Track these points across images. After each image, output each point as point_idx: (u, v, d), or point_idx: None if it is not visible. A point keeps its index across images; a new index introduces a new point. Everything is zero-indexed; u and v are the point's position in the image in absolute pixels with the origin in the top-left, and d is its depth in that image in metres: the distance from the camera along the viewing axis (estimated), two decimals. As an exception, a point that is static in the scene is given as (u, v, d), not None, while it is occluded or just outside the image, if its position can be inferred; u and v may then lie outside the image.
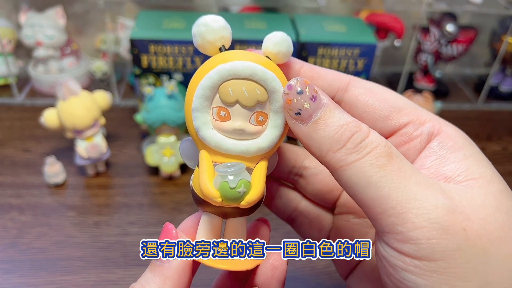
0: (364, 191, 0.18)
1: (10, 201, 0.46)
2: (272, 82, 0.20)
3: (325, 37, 0.53)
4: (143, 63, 0.52)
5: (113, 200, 0.47)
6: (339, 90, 0.22)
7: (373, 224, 0.19)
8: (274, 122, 0.20)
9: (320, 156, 0.19)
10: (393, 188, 0.17)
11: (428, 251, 0.17)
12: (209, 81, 0.19)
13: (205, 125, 0.20)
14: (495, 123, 0.67)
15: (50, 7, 0.63)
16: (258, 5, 0.67)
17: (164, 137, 0.50)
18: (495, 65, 0.67)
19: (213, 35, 0.20)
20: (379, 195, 0.17)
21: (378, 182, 0.17)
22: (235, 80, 0.19)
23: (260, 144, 0.20)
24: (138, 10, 0.68)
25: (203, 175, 0.20)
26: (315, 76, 0.22)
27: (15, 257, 0.40)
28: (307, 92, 0.19)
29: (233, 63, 0.19)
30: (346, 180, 0.18)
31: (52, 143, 0.55)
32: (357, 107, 0.21)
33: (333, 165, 0.18)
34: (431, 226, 0.17)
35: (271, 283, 0.22)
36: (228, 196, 0.19)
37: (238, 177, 0.19)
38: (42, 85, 0.65)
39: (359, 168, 0.18)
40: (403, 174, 0.18)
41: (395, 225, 0.17)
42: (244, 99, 0.19)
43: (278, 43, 0.20)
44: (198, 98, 0.20)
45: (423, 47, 0.69)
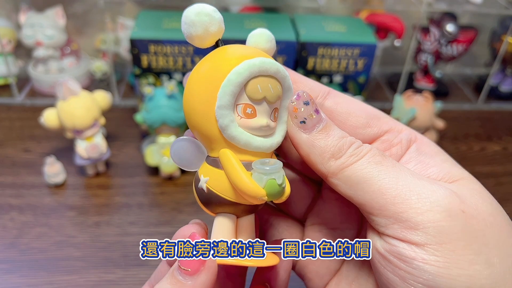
0: (365, 186, 0.19)
1: (10, 201, 0.46)
2: (288, 80, 0.20)
3: (325, 37, 0.53)
4: (143, 63, 0.52)
5: (113, 200, 0.47)
6: (320, 96, 0.22)
7: (374, 222, 0.19)
8: (284, 118, 0.21)
9: (320, 163, 0.20)
10: (392, 178, 0.19)
11: (435, 235, 0.17)
12: (239, 77, 0.19)
13: (232, 123, 0.19)
14: (495, 123, 0.67)
15: (50, 7, 0.63)
16: (258, 5, 0.67)
17: (164, 137, 0.50)
18: (495, 65, 0.67)
19: (216, 27, 0.19)
20: (380, 187, 0.19)
21: (378, 176, 0.19)
22: (263, 77, 0.19)
23: (278, 139, 0.21)
24: (138, 10, 0.68)
25: (242, 176, 0.19)
26: (296, 80, 0.22)
27: (15, 257, 0.40)
28: (312, 105, 0.20)
29: (261, 59, 0.19)
30: (347, 181, 0.19)
31: (52, 143, 0.55)
32: (338, 113, 0.22)
33: (333, 170, 0.20)
34: (435, 209, 0.18)
35: (279, 273, 0.23)
36: (275, 193, 0.19)
37: (281, 173, 0.20)
38: (42, 85, 0.65)
39: (359, 167, 0.19)
40: (398, 169, 0.19)
41: (399, 214, 0.18)
42: (270, 95, 0.19)
43: (270, 40, 0.21)
44: (226, 94, 0.19)
45: (423, 47, 0.69)
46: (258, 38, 0.20)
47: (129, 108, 0.63)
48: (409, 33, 0.70)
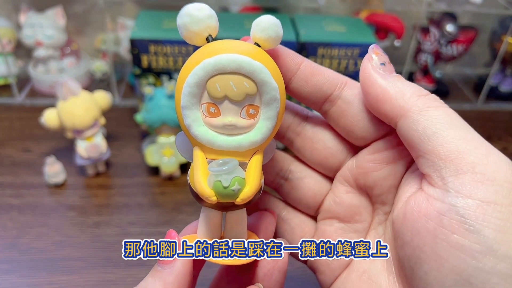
0: (448, 129, 0.18)
1: (10, 201, 0.46)
2: (260, 74, 0.19)
3: (325, 37, 0.53)
4: (143, 63, 0.52)
5: (113, 200, 0.47)
6: (338, 87, 0.22)
7: (440, 171, 0.18)
8: (266, 114, 0.20)
9: (400, 98, 0.20)
10: (473, 133, 0.19)
11: (506, 196, 0.17)
12: (195, 78, 0.19)
13: (195, 122, 0.20)
14: (495, 123, 0.67)
15: (50, 7, 0.63)
16: (258, 5, 0.67)
17: (164, 137, 0.50)
18: (495, 65, 0.67)
19: (197, 26, 0.19)
20: (464, 135, 0.18)
21: (463, 124, 0.19)
22: (222, 75, 0.19)
23: (253, 137, 0.20)
24: (138, 10, 0.68)
25: (197, 175, 0.20)
26: (315, 71, 0.22)
27: (15, 257, 0.40)
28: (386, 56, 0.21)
29: (218, 57, 0.19)
30: (428, 120, 0.19)
31: (52, 143, 0.55)
32: (354, 105, 0.22)
33: (420, 105, 0.19)
34: (509, 171, 0.17)
35: (273, 274, 0.23)
36: (223, 195, 0.19)
37: (231, 175, 0.19)
38: (42, 85, 0.65)
39: (445, 111, 0.19)
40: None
41: (476, 165, 0.17)
42: (232, 94, 0.19)
43: (266, 28, 0.19)
44: (185, 96, 0.19)
45: (423, 47, 0.69)
46: (255, 27, 0.20)
47: (129, 108, 0.63)
48: (409, 33, 0.70)
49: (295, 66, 0.22)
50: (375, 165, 0.22)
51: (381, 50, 0.21)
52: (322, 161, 0.24)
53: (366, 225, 0.24)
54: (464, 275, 0.17)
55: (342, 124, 0.23)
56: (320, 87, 0.22)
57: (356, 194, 0.24)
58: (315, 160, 0.24)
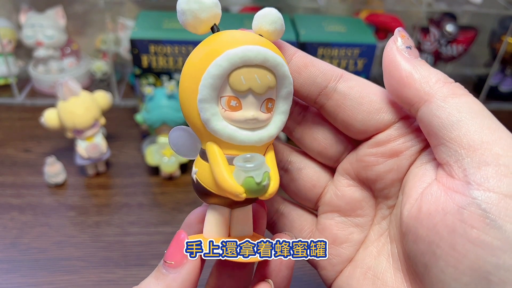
0: (474, 118, 0.18)
1: (10, 201, 0.46)
2: (283, 67, 0.19)
3: (325, 37, 0.53)
4: (143, 63, 0.52)
5: (113, 200, 0.47)
6: (332, 80, 0.21)
7: (462, 162, 0.18)
8: (282, 108, 0.20)
9: (425, 83, 0.19)
10: (498, 123, 0.18)
11: None
12: (218, 69, 0.18)
13: (215, 116, 0.18)
14: (495, 123, 0.67)
15: (50, 7, 0.63)
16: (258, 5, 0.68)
17: (164, 137, 0.50)
18: (495, 65, 0.67)
19: (206, 13, 0.18)
20: (490, 125, 0.18)
21: (488, 114, 0.18)
22: (247, 67, 0.18)
23: (271, 131, 0.20)
24: (138, 10, 0.68)
25: (222, 171, 0.18)
26: (308, 62, 0.21)
27: (16, 257, 0.40)
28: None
29: (243, 48, 0.18)
30: (453, 108, 0.18)
31: (52, 143, 0.55)
32: (351, 98, 0.21)
33: (445, 92, 0.19)
34: None
35: (281, 270, 0.22)
36: (254, 191, 0.18)
37: (261, 170, 0.18)
38: (42, 85, 0.65)
39: (471, 99, 0.18)
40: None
41: (501, 157, 0.17)
42: (256, 87, 0.18)
43: (275, 21, 0.19)
44: (206, 88, 0.18)
45: (423, 47, 0.69)
46: (261, 20, 0.19)
47: (129, 108, 0.63)
48: (409, 33, 0.70)
49: (288, 57, 0.21)
50: (377, 158, 0.22)
51: (407, 34, 0.20)
52: (321, 150, 0.24)
53: (369, 219, 0.24)
54: (482, 272, 0.16)
55: (340, 118, 0.22)
56: (313, 79, 0.21)
57: (358, 187, 0.23)
58: (314, 149, 0.24)
